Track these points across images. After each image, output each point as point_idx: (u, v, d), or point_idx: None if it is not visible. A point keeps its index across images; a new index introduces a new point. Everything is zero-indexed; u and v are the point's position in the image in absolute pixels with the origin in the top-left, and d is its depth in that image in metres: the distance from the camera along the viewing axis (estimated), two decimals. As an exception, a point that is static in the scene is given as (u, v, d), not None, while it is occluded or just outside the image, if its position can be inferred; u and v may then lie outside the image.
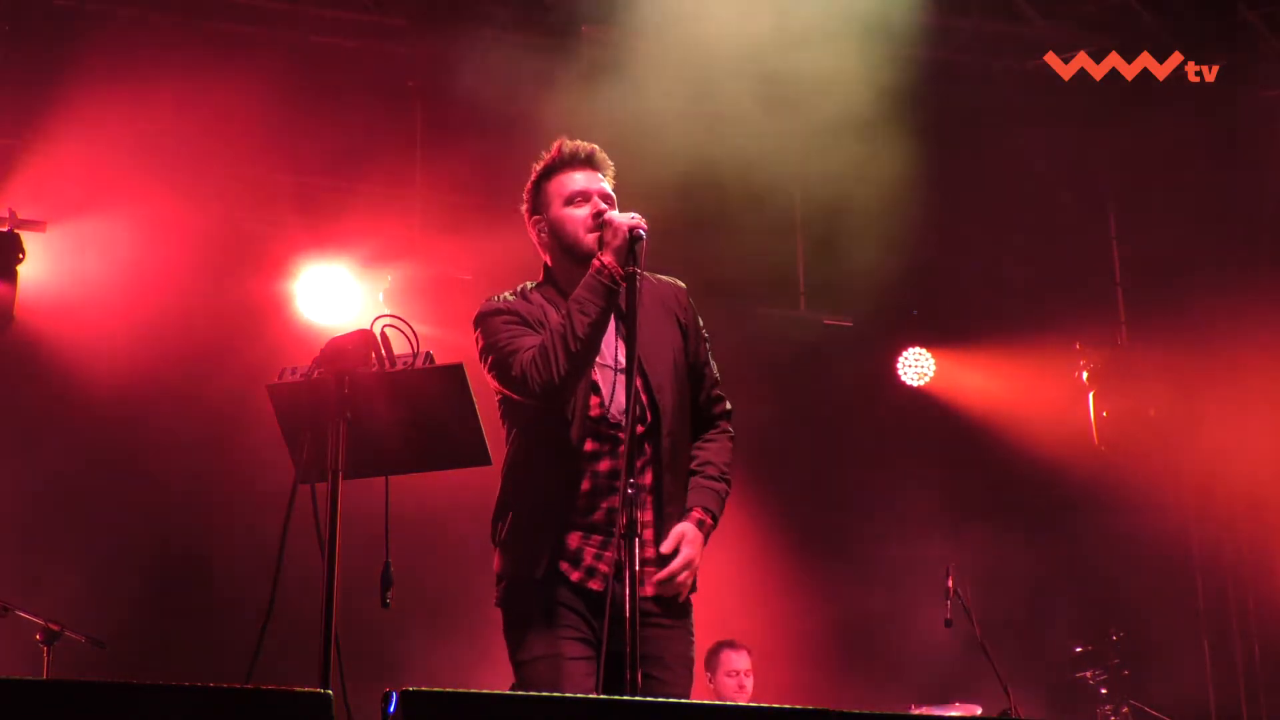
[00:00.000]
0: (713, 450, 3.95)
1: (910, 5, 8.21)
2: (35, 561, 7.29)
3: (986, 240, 8.95)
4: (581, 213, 3.85)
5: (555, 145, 3.96)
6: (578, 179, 3.90)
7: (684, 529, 3.75)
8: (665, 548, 3.72)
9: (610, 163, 3.98)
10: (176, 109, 7.56)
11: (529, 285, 3.96)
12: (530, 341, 3.73)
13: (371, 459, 3.79)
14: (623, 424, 3.72)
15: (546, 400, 3.70)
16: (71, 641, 6.23)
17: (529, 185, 3.99)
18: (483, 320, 3.86)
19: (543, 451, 3.77)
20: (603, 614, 3.66)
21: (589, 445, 3.74)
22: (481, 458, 3.85)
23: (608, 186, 3.93)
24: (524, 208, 4.00)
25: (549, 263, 3.96)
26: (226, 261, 7.89)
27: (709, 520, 3.82)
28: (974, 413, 9.23)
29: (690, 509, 3.81)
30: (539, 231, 3.95)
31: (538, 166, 3.98)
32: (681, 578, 3.72)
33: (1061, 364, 9.04)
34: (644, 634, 3.60)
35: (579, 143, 3.95)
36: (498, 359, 3.77)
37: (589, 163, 3.93)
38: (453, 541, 7.41)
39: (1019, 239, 8.94)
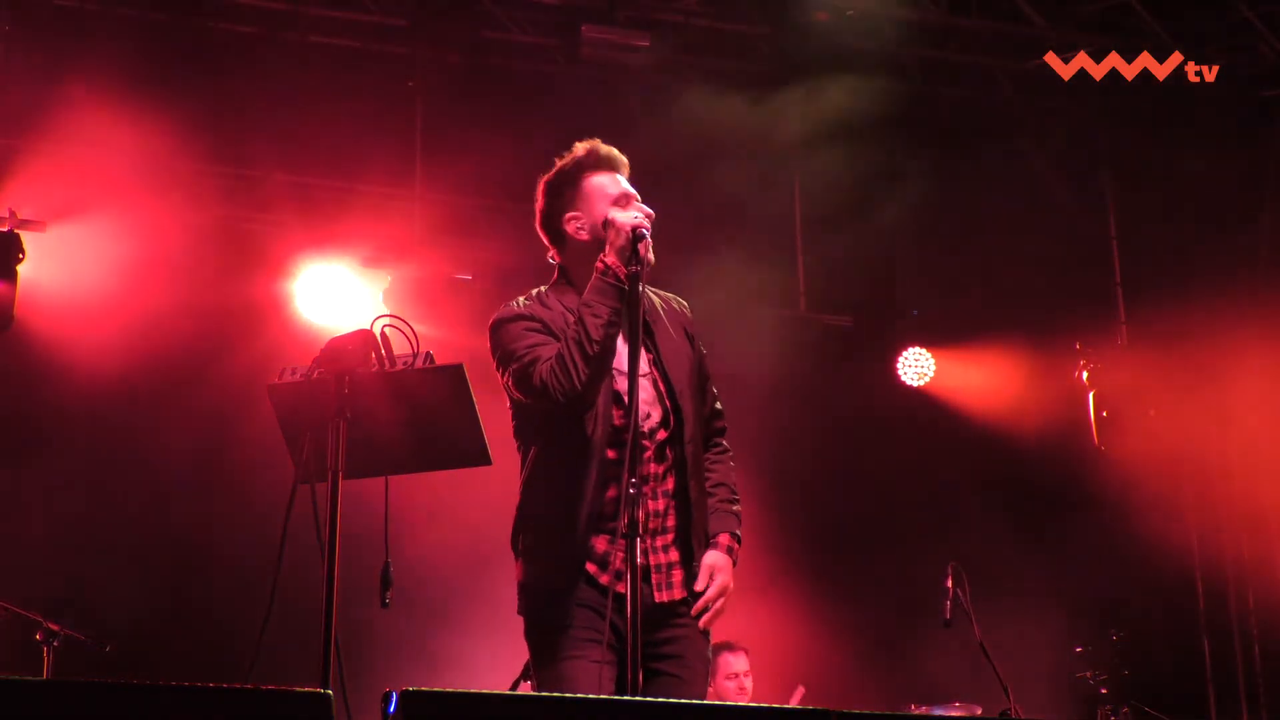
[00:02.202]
0: (722, 471, 4.00)
1: (911, 5, 8.23)
2: (35, 561, 7.29)
3: (986, 240, 8.95)
4: (631, 215, 3.76)
5: (589, 145, 3.90)
6: (621, 181, 3.88)
7: (715, 561, 3.80)
8: (699, 585, 3.76)
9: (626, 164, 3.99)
10: (176, 109, 7.57)
11: (543, 289, 3.91)
12: (549, 351, 3.69)
13: (371, 459, 3.80)
14: (646, 432, 3.74)
15: (570, 407, 3.68)
16: (72, 641, 6.23)
17: (553, 180, 3.91)
18: (500, 327, 3.80)
19: (568, 461, 3.73)
20: (623, 614, 3.67)
21: (611, 453, 3.72)
22: (481, 458, 3.85)
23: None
24: (542, 204, 3.92)
25: (566, 263, 3.90)
26: (226, 261, 7.89)
27: (737, 546, 3.88)
28: (974, 413, 9.22)
29: (716, 536, 3.85)
30: (576, 228, 3.85)
31: (565, 163, 3.90)
32: (716, 606, 3.78)
33: (1061, 364, 9.04)
34: (669, 634, 3.69)
35: (612, 148, 3.93)
36: (518, 370, 3.71)
37: (622, 167, 3.93)
38: (453, 541, 7.41)
39: (1019, 239, 8.94)
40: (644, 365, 3.77)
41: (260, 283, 7.95)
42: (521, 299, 3.87)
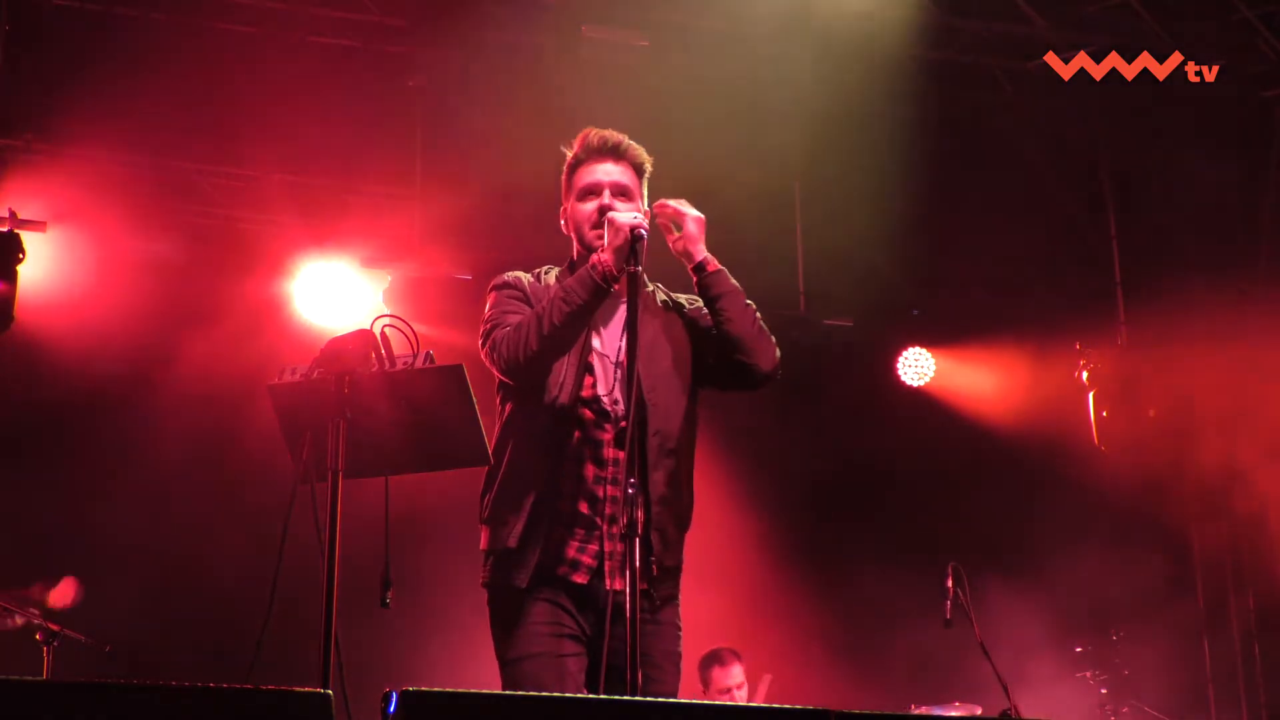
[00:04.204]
0: None
1: (911, 5, 8.22)
2: (34, 561, 7.29)
3: (987, 240, 8.94)
4: (589, 207, 3.86)
5: (580, 136, 3.94)
6: (595, 171, 3.89)
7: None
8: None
9: (640, 153, 3.94)
10: (176, 109, 7.56)
11: (550, 269, 3.97)
12: (515, 320, 3.76)
13: (371, 459, 3.79)
14: (612, 414, 3.73)
15: (510, 377, 3.75)
16: (71, 641, 6.23)
17: (563, 174, 4.00)
18: (492, 290, 3.93)
19: (531, 432, 3.76)
20: (587, 608, 3.67)
21: (576, 432, 3.74)
22: (481, 458, 3.85)
23: (627, 178, 3.91)
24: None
25: (573, 253, 3.98)
26: (226, 261, 7.89)
27: (713, 260, 3.88)
28: (974, 413, 9.22)
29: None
30: (563, 223, 4.00)
31: (568, 157, 3.97)
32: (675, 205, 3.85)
33: (1061, 364, 9.03)
34: (625, 630, 3.62)
35: (605, 133, 3.93)
36: (485, 329, 3.83)
37: (614, 153, 3.91)
38: (452, 541, 7.41)
39: (1019, 239, 8.94)
40: (616, 353, 3.78)
41: (260, 283, 7.95)
42: (525, 272, 3.95)
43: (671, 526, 3.79)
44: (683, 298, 4.04)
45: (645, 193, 3.96)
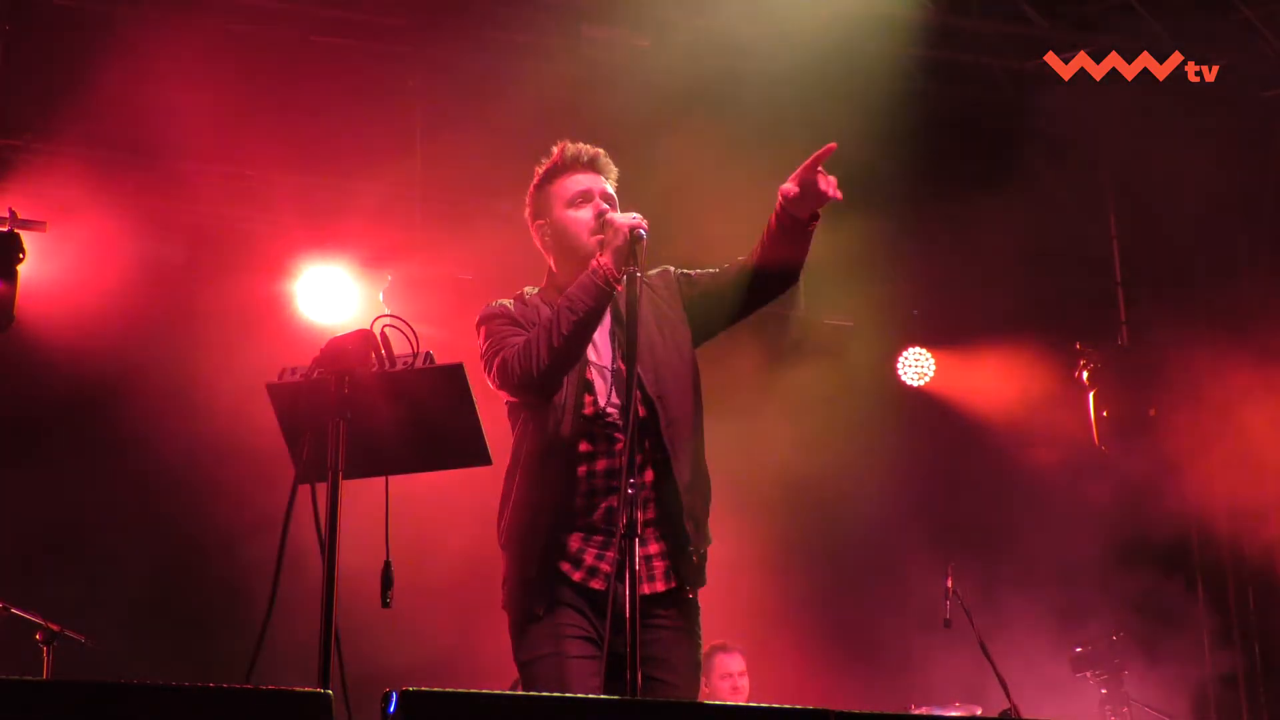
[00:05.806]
0: None
1: (911, 5, 8.22)
2: (35, 561, 7.29)
3: (986, 240, 8.94)
4: (584, 214, 3.87)
5: (557, 148, 3.98)
6: (580, 181, 3.91)
7: None
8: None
9: (613, 166, 4.00)
10: (176, 108, 7.56)
11: (531, 290, 3.97)
12: (519, 340, 3.76)
13: (371, 459, 3.79)
14: (618, 423, 3.72)
15: (526, 394, 3.75)
16: (71, 641, 6.23)
17: (531, 189, 4.01)
18: (482, 323, 3.92)
19: (539, 452, 3.78)
20: (603, 614, 3.66)
21: (584, 445, 3.75)
22: (481, 458, 3.85)
23: (610, 188, 3.94)
24: (527, 212, 4.02)
25: (553, 267, 3.97)
26: (226, 261, 7.89)
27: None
28: (974, 413, 9.22)
29: None
30: (542, 236, 3.97)
31: (539, 170, 3.99)
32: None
33: (1061, 364, 9.04)
34: (651, 636, 3.63)
35: (581, 145, 3.97)
36: (488, 357, 3.83)
37: (591, 165, 3.95)
38: (453, 541, 7.41)
39: (1019, 239, 8.94)
40: (618, 361, 3.79)
41: (260, 283, 7.95)
42: (508, 299, 3.94)
43: (700, 511, 3.82)
44: (652, 274, 4.02)
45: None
